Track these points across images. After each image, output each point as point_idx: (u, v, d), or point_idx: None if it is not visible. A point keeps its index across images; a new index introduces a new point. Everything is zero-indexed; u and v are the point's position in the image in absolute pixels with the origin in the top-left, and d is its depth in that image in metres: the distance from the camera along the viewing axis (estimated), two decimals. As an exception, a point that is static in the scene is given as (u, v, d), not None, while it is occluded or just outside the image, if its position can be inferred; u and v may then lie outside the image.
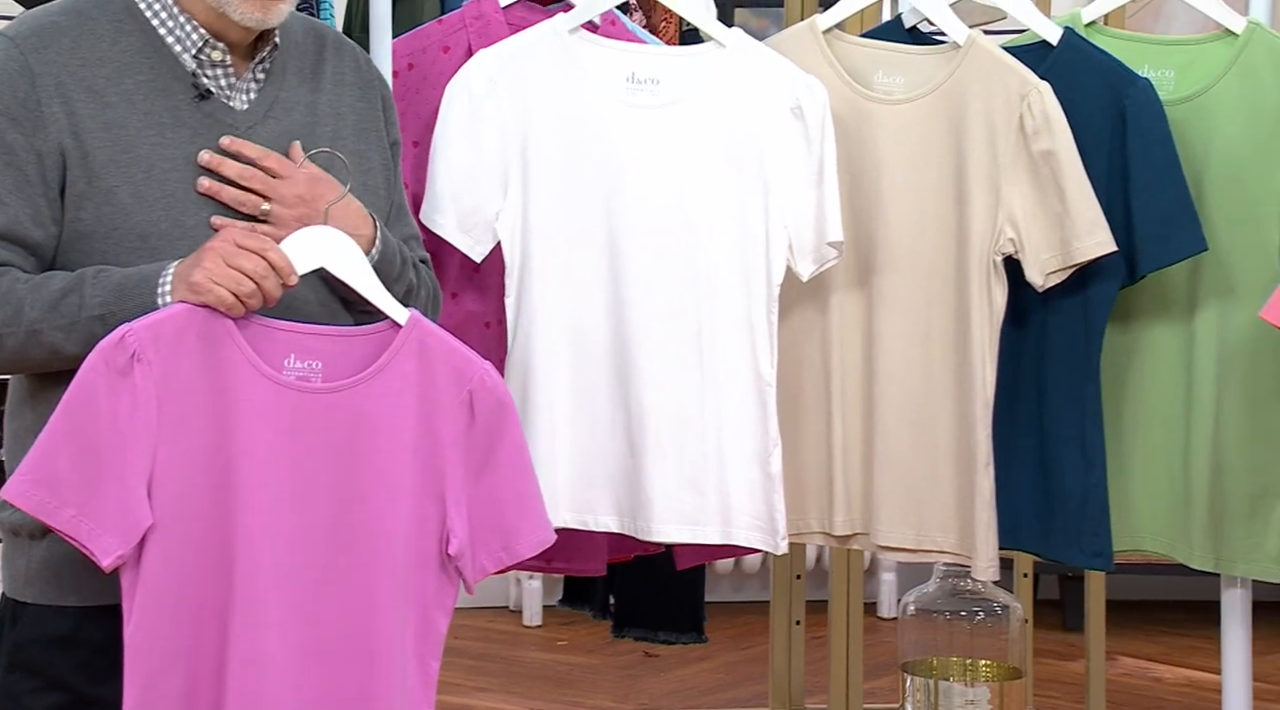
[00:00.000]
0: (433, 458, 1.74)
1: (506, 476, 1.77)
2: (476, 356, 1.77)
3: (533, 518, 1.79)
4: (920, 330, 2.15)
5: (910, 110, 2.14)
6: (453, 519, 1.75)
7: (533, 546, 1.79)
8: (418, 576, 1.75)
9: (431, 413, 1.74)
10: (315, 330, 1.75)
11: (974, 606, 2.57)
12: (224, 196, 1.77)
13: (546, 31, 2.14)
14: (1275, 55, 2.13)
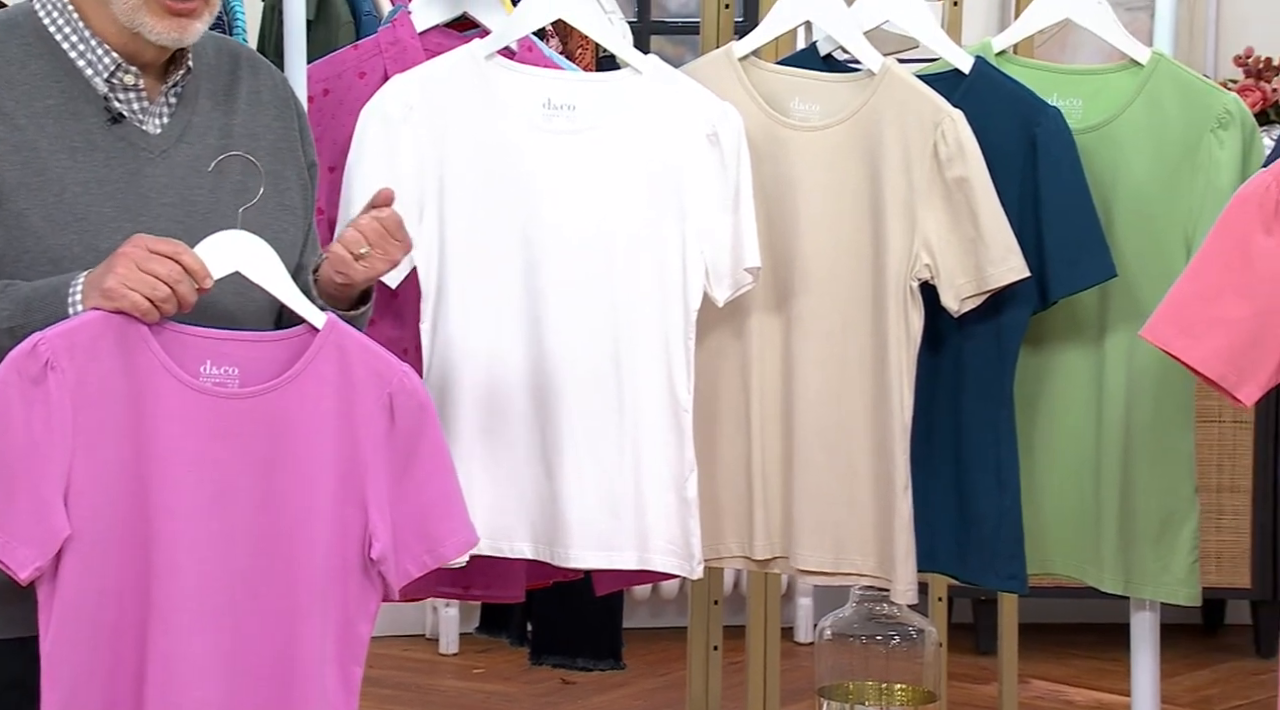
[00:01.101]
0: (353, 461, 1.73)
1: (428, 479, 1.76)
2: (395, 359, 1.76)
3: (455, 519, 1.78)
4: (838, 355, 2.16)
5: (826, 137, 2.15)
6: (375, 523, 1.74)
7: (456, 548, 1.78)
8: (339, 582, 1.74)
9: (351, 416, 1.73)
10: (231, 336, 1.73)
11: (890, 631, 2.58)
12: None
13: (463, 57, 2.14)
14: (1179, 86, 2.17)
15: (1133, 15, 3.84)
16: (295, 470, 1.71)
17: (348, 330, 1.75)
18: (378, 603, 1.76)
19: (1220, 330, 1.85)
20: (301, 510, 1.72)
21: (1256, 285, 1.84)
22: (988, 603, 3.81)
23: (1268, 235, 1.84)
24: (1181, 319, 1.88)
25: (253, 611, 1.71)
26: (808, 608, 4.08)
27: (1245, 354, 1.85)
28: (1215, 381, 1.87)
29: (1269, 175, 1.86)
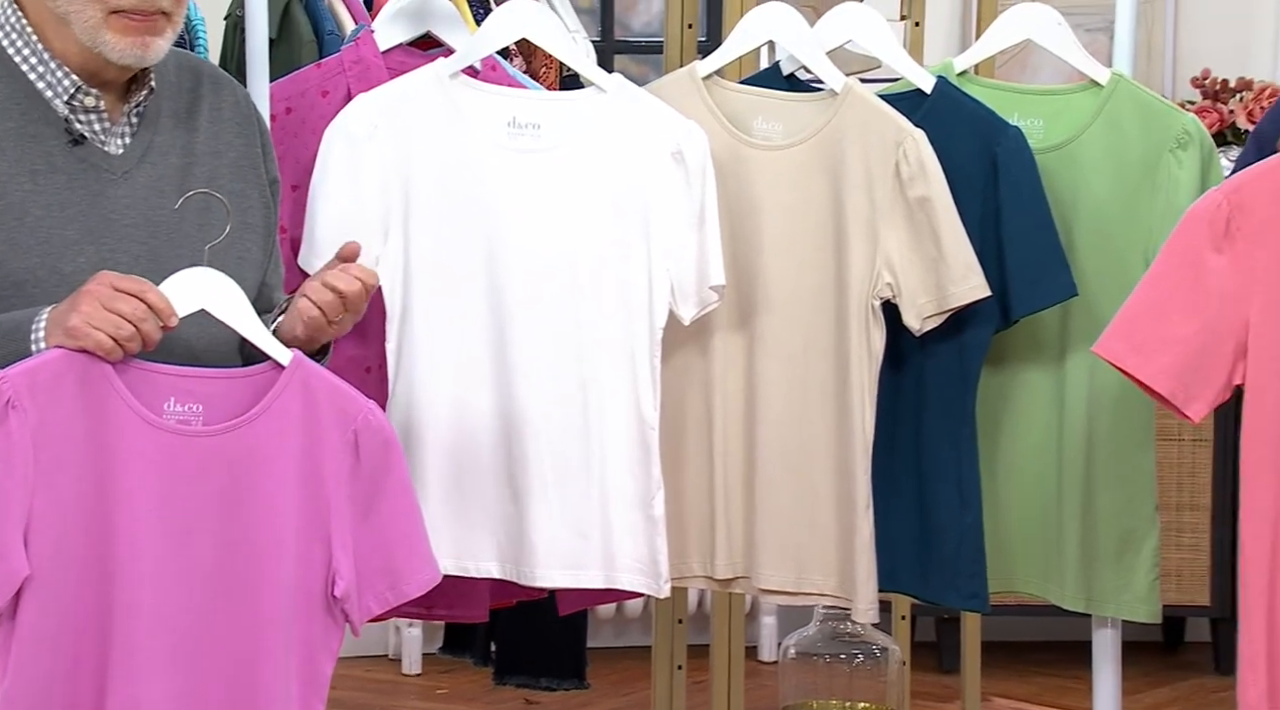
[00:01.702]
0: (317, 499, 1.73)
1: (392, 516, 1.76)
2: (361, 396, 1.76)
3: (419, 557, 1.78)
4: (800, 373, 2.17)
5: (789, 156, 2.16)
6: (338, 561, 1.73)
7: (419, 586, 1.78)
8: (302, 620, 1.73)
9: (316, 454, 1.73)
10: (196, 373, 1.72)
11: (853, 649, 2.59)
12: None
13: (427, 76, 2.14)
14: (1138, 106, 2.19)
15: (1092, 36, 3.87)
16: (258, 508, 1.71)
17: (313, 367, 1.74)
18: (340, 639, 1.76)
19: (1170, 347, 1.87)
20: (264, 548, 1.71)
21: (1206, 303, 1.86)
22: (950, 621, 3.82)
23: (1218, 253, 1.86)
24: (1133, 335, 1.89)
25: (214, 651, 1.70)
26: (772, 627, 4.08)
27: (1194, 371, 1.87)
28: (1165, 398, 1.88)
29: (1219, 193, 1.88)
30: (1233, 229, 1.85)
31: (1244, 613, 1.87)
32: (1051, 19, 2.25)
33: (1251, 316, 1.85)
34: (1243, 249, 1.85)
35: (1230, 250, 1.85)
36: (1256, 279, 1.85)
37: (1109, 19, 3.65)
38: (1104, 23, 3.89)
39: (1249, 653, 1.86)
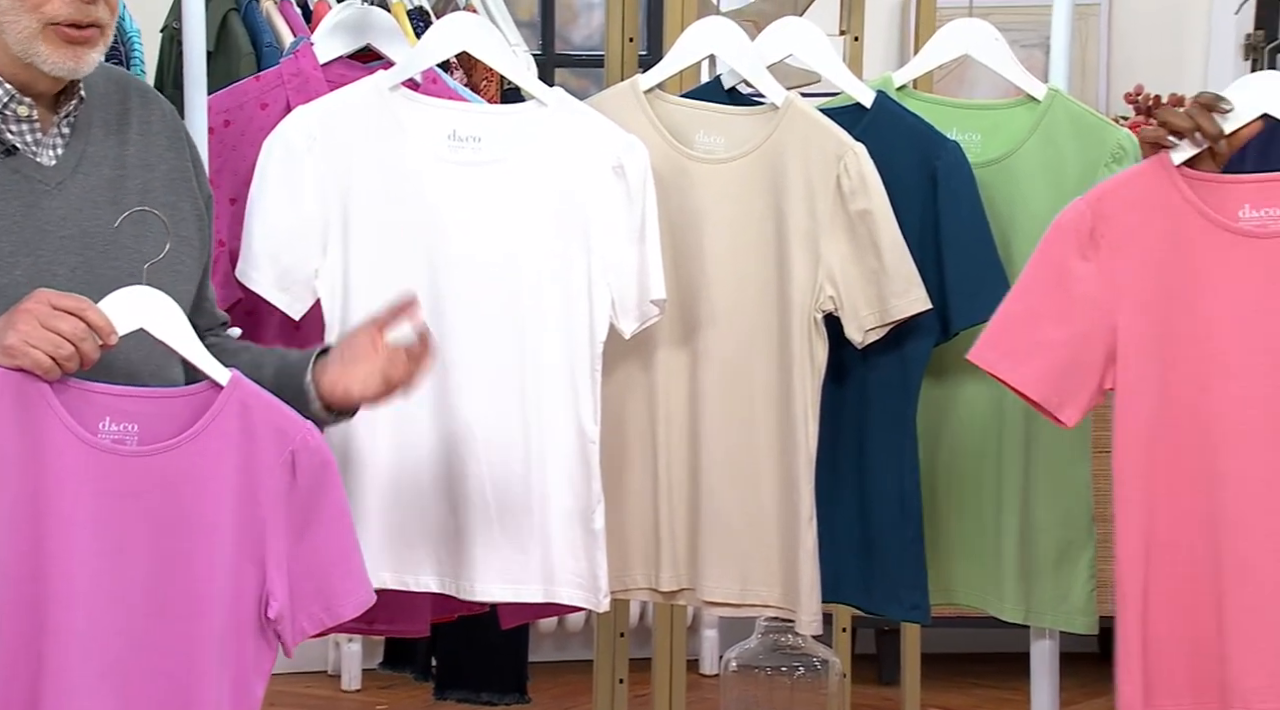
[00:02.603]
0: (253, 520, 1.71)
1: (328, 538, 1.75)
2: (299, 417, 1.75)
3: (354, 579, 1.77)
4: (744, 386, 2.17)
5: (731, 170, 2.17)
6: (273, 582, 1.72)
7: (354, 608, 1.77)
8: (235, 642, 1.71)
9: (252, 474, 1.71)
10: (132, 392, 1.71)
11: (794, 662, 2.59)
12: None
13: (367, 88, 2.13)
14: (1074, 121, 2.21)
15: (1028, 52, 3.91)
16: (193, 529, 1.69)
17: (252, 387, 1.73)
18: (272, 661, 1.75)
19: (1041, 353, 1.90)
20: (198, 570, 1.69)
21: (1075, 309, 1.89)
22: (891, 633, 3.83)
23: (1084, 261, 1.89)
24: (1004, 343, 1.92)
25: (147, 672, 1.68)
26: (713, 639, 4.08)
27: (1065, 376, 1.90)
28: (1038, 403, 1.91)
29: (1084, 203, 1.91)
30: (1097, 237, 1.89)
31: (1120, 616, 1.90)
32: (989, 34, 2.27)
33: (1119, 322, 1.89)
34: (1107, 256, 1.89)
35: (1096, 258, 1.89)
36: (1122, 285, 1.89)
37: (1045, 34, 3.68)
38: (1040, 38, 3.93)
39: (1125, 658, 1.89)
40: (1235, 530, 1.88)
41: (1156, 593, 1.90)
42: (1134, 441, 1.89)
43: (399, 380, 1.84)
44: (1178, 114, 1.88)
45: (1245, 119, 1.89)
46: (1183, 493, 1.90)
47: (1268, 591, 1.87)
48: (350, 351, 1.86)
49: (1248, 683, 1.87)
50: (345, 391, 1.84)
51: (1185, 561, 1.89)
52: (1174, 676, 1.90)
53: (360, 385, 1.84)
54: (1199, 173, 1.90)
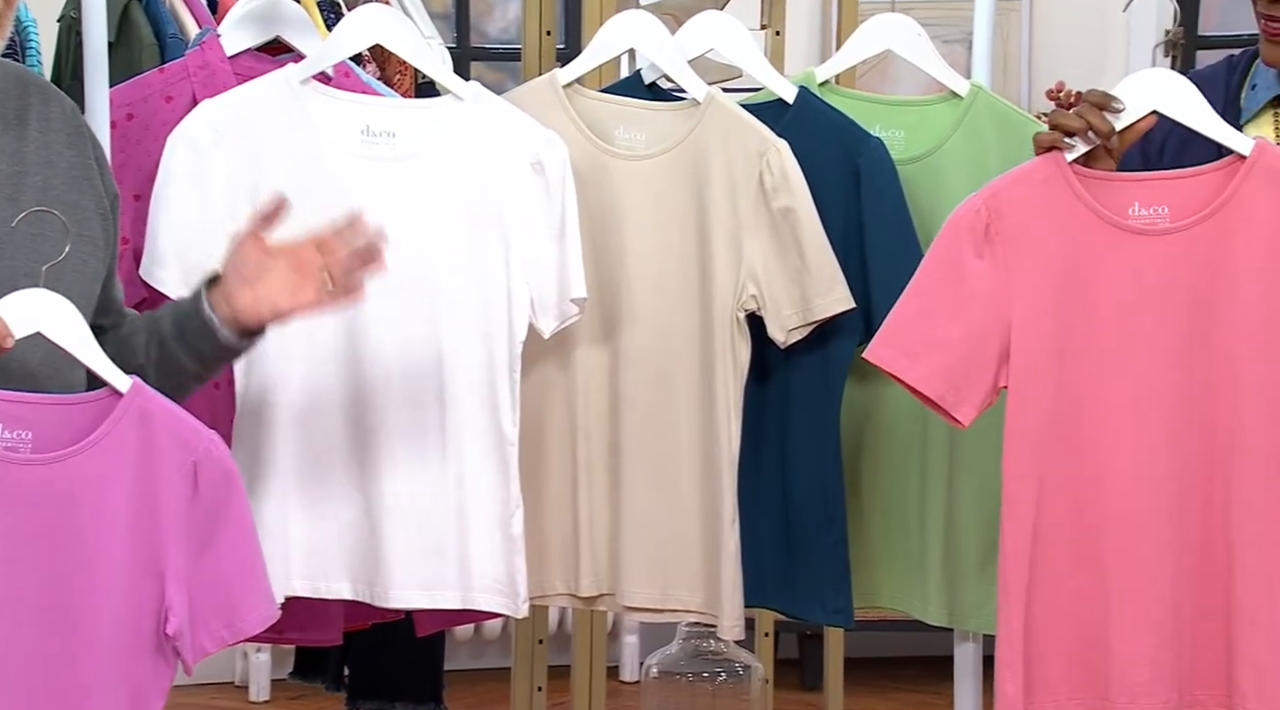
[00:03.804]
0: (152, 532, 1.69)
1: (230, 551, 1.73)
2: (202, 426, 1.73)
3: (257, 594, 1.75)
4: (665, 387, 2.17)
5: (652, 166, 2.17)
6: (172, 597, 1.70)
7: (257, 624, 1.75)
8: (131, 659, 1.69)
9: (152, 485, 1.69)
10: (26, 398, 1.68)
11: (716, 667, 2.60)
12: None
13: (277, 82, 2.11)
14: (997, 117, 2.23)
15: (950, 48, 3.95)
16: (87, 542, 1.67)
17: (153, 394, 1.71)
18: (171, 678, 1.73)
19: (937, 351, 1.92)
20: (93, 583, 1.67)
21: (970, 306, 1.91)
22: (814, 638, 3.86)
23: (978, 258, 1.92)
24: (900, 340, 1.94)
25: (39, 689, 1.65)
26: (634, 646, 4.09)
27: (961, 374, 1.92)
28: (935, 401, 1.93)
29: (978, 199, 1.94)
30: (992, 233, 1.91)
31: (1002, 613, 1.93)
32: (911, 30, 2.29)
33: (1013, 319, 1.91)
34: (1001, 253, 1.91)
35: (990, 255, 1.91)
36: (1015, 282, 1.91)
37: (966, 30, 3.71)
38: (962, 34, 3.97)
39: (1007, 655, 1.92)
40: (1122, 528, 1.91)
41: (1041, 590, 1.92)
42: (1024, 439, 1.92)
43: (337, 284, 1.82)
44: (1069, 115, 1.92)
45: (1136, 116, 1.93)
46: (1072, 490, 1.92)
47: (1152, 589, 1.90)
48: (247, 270, 1.82)
49: (1133, 678, 1.90)
50: (273, 307, 1.81)
51: (1071, 559, 1.92)
52: (1057, 674, 1.92)
53: (287, 296, 1.81)
54: (1090, 170, 1.94)
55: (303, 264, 1.82)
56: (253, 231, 1.83)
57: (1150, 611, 1.90)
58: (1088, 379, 1.92)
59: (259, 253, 1.82)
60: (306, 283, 1.82)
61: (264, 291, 1.81)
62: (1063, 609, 1.92)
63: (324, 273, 1.83)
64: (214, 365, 1.85)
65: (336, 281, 1.83)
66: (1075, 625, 1.92)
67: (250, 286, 1.81)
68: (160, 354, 1.81)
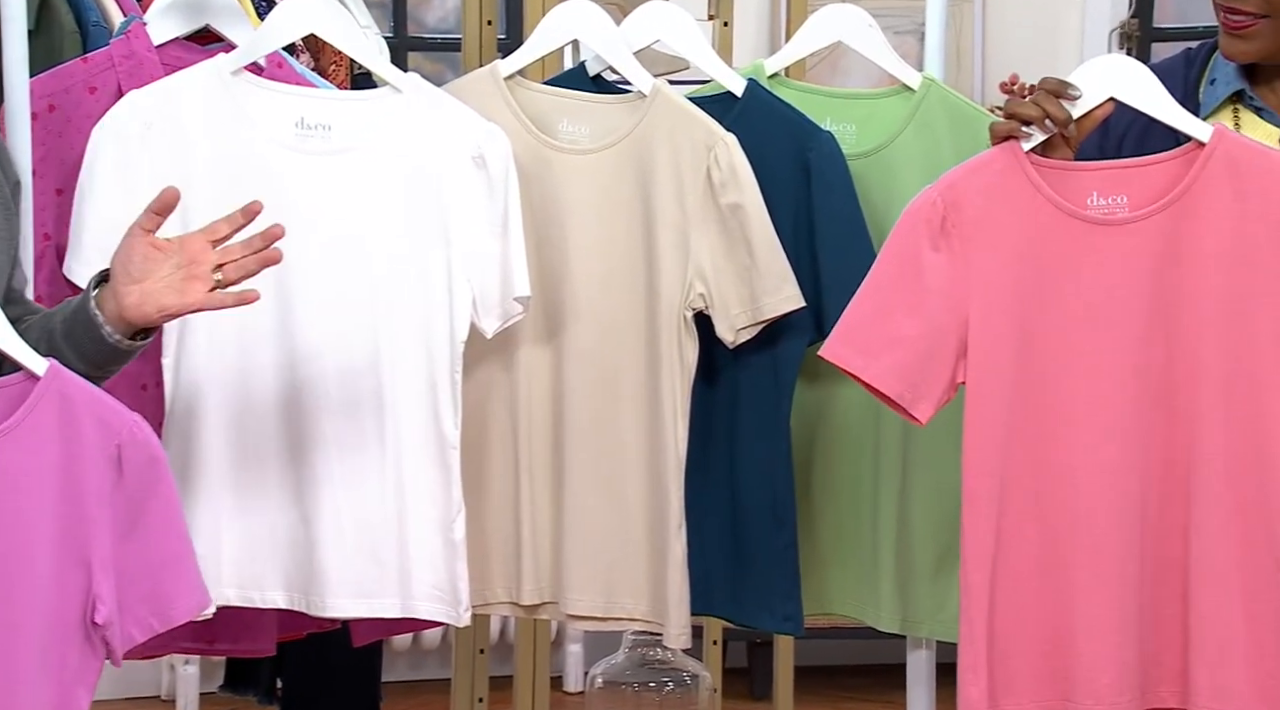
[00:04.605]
0: (76, 519, 1.69)
1: (158, 537, 1.73)
2: (125, 409, 1.72)
3: (186, 580, 1.75)
4: (610, 388, 2.18)
5: (596, 160, 2.18)
6: (99, 585, 1.70)
7: (187, 611, 1.75)
8: (58, 649, 1.69)
9: (75, 470, 1.69)
10: None
11: (663, 677, 2.61)
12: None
13: (207, 72, 2.11)
14: (950, 111, 2.25)
15: (901, 39, 3.98)
16: (10, 529, 1.66)
17: (72, 377, 1.70)
18: (98, 670, 1.72)
19: (895, 348, 1.93)
20: (17, 572, 1.66)
21: (927, 301, 1.93)
22: (763, 646, 3.87)
23: (935, 251, 1.93)
24: (857, 338, 1.95)
25: None
26: (578, 655, 4.09)
27: (919, 371, 1.93)
28: (893, 399, 1.94)
29: (935, 191, 1.95)
30: (948, 226, 1.93)
31: (965, 615, 1.94)
32: (862, 21, 2.30)
33: (971, 314, 1.93)
34: (958, 246, 1.93)
35: (947, 248, 1.93)
36: (973, 276, 1.93)
37: (918, 21, 3.74)
38: (913, 25, 4.00)
39: (969, 656, 1.93)
40: (1084, 527, 1.93)
41: (1004, 591, 1.94)
42: (985, 436, 1.93)
43: (229, 281, 1.80)
44: (1024, 104, 1.94)
45: (1093, 103, 1.95)
46: (1034, 487, 1.94)
47: (1116, 587, 1.92)
48: (134, 266, 1.81)
49: (1097, 680, 1.92)
50: (159, 305, 1.79)
51: (1034, 557, 1.94)
52: (1021, 676, 1.94)
53: (175, 294, 1.80)
54: (1047, 160, 1.95)
55: (193, 260, 1.81)
56: (141, 226, 1.82)
57: (1114, 611, 1.92)
58: (1048, 373, 1.94)
59: (147, 248, 1.81)
60: (195, 280, 1.80)
61: (151, 289, 1.80)
62: (1026, 609, 1.94)
63: (215, 270, 1.81)
64: (104, 366, 1.83)
65: (229, 278, 1.82)
66: (1039, 626, 1.94)
67: (137, 284, 1.80)
68: (49, 351, 1.80)
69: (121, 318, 1.80)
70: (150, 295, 1.80)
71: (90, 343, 1.80)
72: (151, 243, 1.81)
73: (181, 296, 1.80)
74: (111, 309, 1.80)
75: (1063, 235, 1.93)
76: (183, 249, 1.81)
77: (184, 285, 1.80)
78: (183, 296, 1.80)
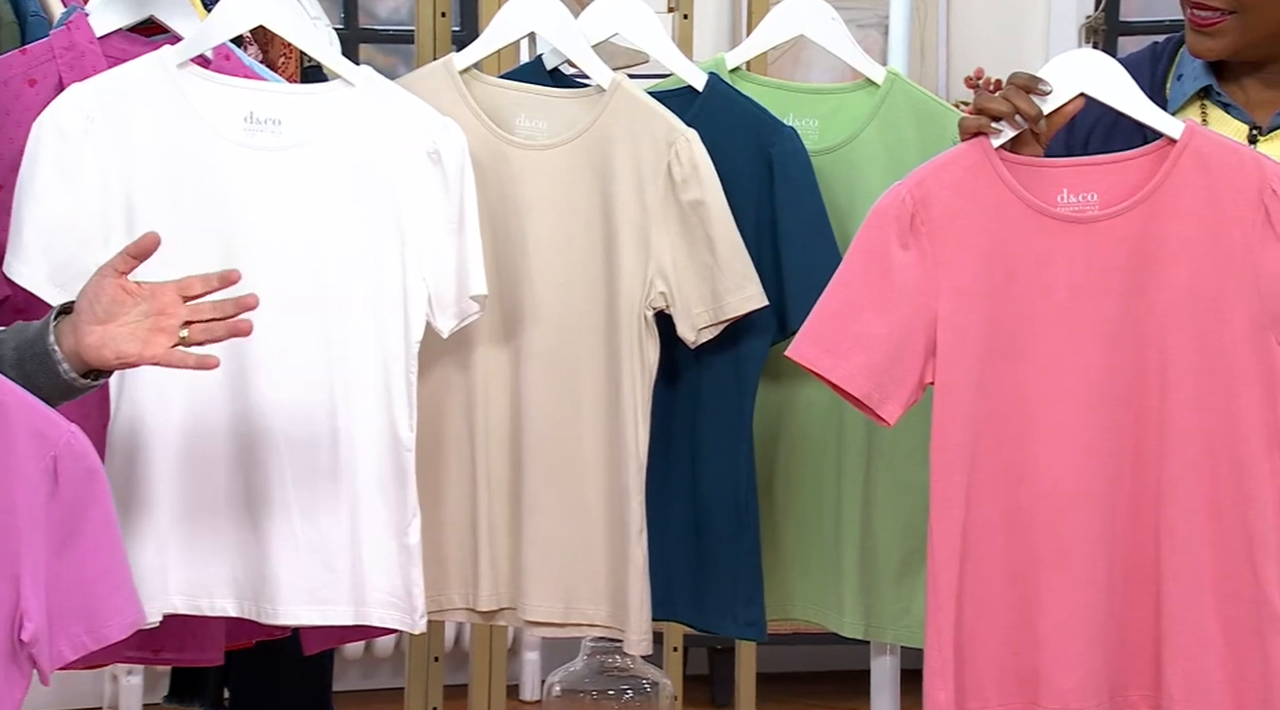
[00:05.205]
0: (7, 531, 1.67)
1: (93, 551, 1.71)
2: (62, 418, 1.71)
3: (121, 596, 1.73)
4: (570, 389, 2.18)
5: (555, 156, 2.18)
6: (28, 600, 1.68)
7: (120, 629, 1.73)
8: (-19, 666, 1.67)
9: (7, 481, 1.67)
10: None
11: (622, 684, 2.61)
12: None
13: (152, 64, 2.10)
14: (915, 106, 2.26)
15: (865, 32, 4.00)
16: None
17: (9, 386, 1.69)
18: (25, 689, 1.70)
19: (862, 347, 1.93)
20: None
21: (896, 299, 1.93)
22: (724, 652, 3.88)
23: (904, 249, 1.94)
24: (825, 337, 1.95)
25: None
26: (535, 663, 4.09)
27: (887, 371, 1.94)
28: (860, 400, 1.95)
29: (904, 188, 1.96)
30: (917, 223, 1.94)
31: (931, 618, 1.95)
32: (825, 14, 2.31)
33: (940, 312, 1.94)
34: (927, 244, 1.93)
35: (916, 245, 1.94)
36: (942, 274, 1.93)
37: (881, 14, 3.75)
38: (877, 18, 4.02)
39: (936, 659, 1.94)
40: (1053, 527, 1.94)
41: (971, 593, 1.94)
42: (952, 436, 1.94)
43: (192, 342, 1.80)
44: (994, 98, 1.94)
45: (1064, 98, 1.96)
46: (1002, 488, 1.95)
47: (1084, 589, 1.94)
48: (101, 306, 1.81)
49: (1064, 683, 1.93)
50: (118, 352, 1.80)
51: (1002, 559, 1.95)
52: (989, 679, 1.95)
53: (136, 343, 1.79)
54: (1017, 156, 1.96)
55: (162, 311, 1.81)
56: (115, 267, 1.82)
57: (1082, 613, 1.93)
58: (1016, 373, 1.95)
59: (117, 290, 1.81)
60: (161, 333, 1.81)
61: (114, 332, 1.80)
62: (994, 612, 1.95)
63: (182, 327, 1.81)
64: (51, 400, 1.79)
65: (194, 340, 1.82)
66: (1006, 629, 1.95)
67: (101, 324, 1.81)
68: None
69: (77, 355, 1.80)
70: (111, 339, 1.80)
71: (44, 376, 1.79)
72: (122, 285, 1.81)
73: (143, 347, 1.80)
74: (69, 344, 1.80)
75: (1033, 233, 1.94)
76: (154, 297, 1.81)
77: (148, 336, 1.80)
78: (144, 348, 1.80)
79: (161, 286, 1.82)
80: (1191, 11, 2.05)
